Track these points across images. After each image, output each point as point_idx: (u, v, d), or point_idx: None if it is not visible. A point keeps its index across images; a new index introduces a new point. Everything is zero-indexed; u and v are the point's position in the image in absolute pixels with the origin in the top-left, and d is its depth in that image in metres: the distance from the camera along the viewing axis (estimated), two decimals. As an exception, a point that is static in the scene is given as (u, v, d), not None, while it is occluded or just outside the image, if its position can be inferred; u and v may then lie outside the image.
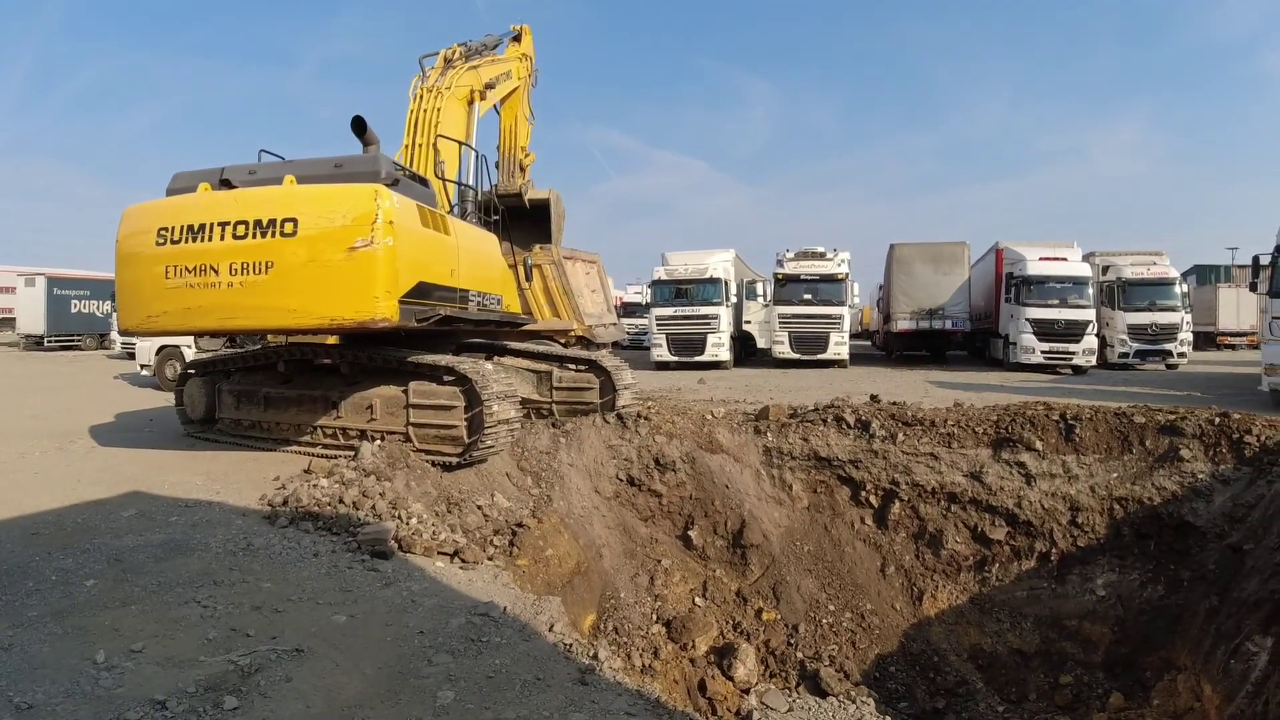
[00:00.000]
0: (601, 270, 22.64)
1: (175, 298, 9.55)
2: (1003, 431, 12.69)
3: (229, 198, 9.67)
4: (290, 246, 9.18)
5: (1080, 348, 25.05)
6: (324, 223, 9.17)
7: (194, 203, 9.78)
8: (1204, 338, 37.54)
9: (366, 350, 11.06)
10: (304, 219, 9.18)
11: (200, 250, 9.42)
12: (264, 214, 9.28)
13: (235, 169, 10.35)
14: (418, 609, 6.09)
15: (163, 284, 9.58)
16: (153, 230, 9.69)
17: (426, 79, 13.50)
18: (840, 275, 28.22)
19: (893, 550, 12.89)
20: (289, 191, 9.57)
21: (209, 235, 9.40)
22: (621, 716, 4.68)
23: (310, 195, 9.45)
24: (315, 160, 10.32)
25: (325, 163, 10.26)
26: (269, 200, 9.44)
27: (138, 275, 9.86)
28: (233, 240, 9.31)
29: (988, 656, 11.78)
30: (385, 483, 9.02)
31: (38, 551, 6.91)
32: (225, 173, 10.19)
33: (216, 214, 9.46)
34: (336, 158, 10.29)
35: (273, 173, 10.07)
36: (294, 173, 9.84)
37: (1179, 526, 11.36)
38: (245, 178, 10.10)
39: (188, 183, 10.24)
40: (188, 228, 9.50)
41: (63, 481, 9.57)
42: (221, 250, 9.34)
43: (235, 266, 9.28)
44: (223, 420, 12.35)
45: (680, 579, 12.51)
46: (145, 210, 10.05)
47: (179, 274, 9.50)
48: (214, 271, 9.35)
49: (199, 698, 4.46)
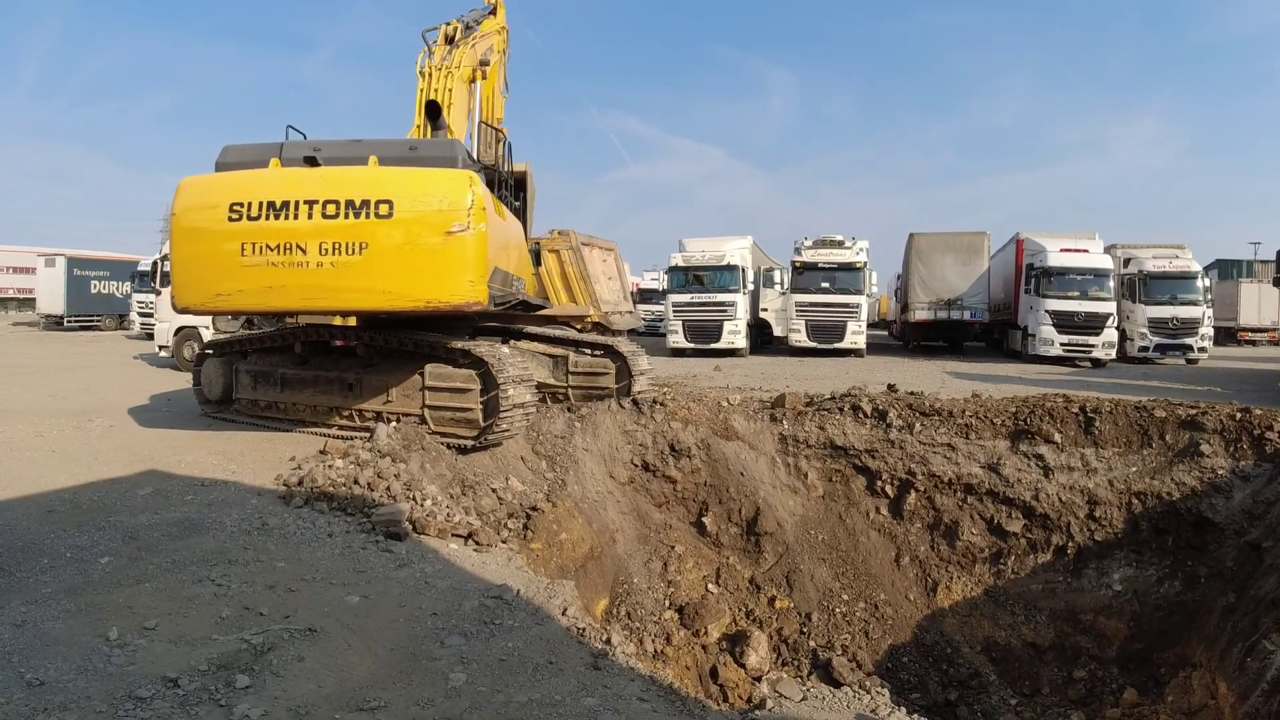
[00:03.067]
0: (619, 257, 22.61)
1: (253, 276, 9.34)
2: (1021, 423, 12.59)
3: (315, 175, 9.56)
4: (385, 228, 9.19)
5: (1100, 340, 24.82)
6: (420, 206, 9.23)
7: (272, 179, 9.62)
8: (1225, 333, 37.19)
9: (383, 332, 11.05)
10: (399, 201, 9.21)
11: (284, 228, 9.24)
12: (357, 194, 9.22)
13: (297, 145, 10.28)
14: (431, 590, 6.08)
15: (237, 261, 9.32)
16: (223, 205, 9.40)
17: (433, 57, 13.35)
18: (858, 264, 28.04)
19: (908, 541, 12.82)
20: (382, 173, 9.55)
21: (294, 213, 9.24)
22: (634, 702, 4.66)
23: (405, 178, 9.47)
24: (389, 141, 10.34)
25: (400, 144, 10.32)
26: (361, 181, 9.40)
27: (202, 251, 9.59)
28: (322, 219, 9.21)
29: (1001, 649, 11.72)
30: (400, 464, 9.02)
31: (53, 529, 6.94)
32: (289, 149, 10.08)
33: (302, 192, 9.31)
34: (410, 140, 10.48)
35: (344, 151, 9.99)
36: (366, 153, 9.83)
37: (1198, 522, 11.25)
38: (305, 155, 10.04)
39: (241, 157, 10.12)
40: (269, 204, 9.29)
41: (79, 460, 9.62)
42: (309, 229, 9.21)
43: (326, 246, 9.19)
44: (240, 401, 12.39)
45: (693, 565, 12.50)
46: (210, 184, 9.82)
47: (258, 251, 9.28)
48: (300, 250, 9.22)
49: (211, 676, 4.47)
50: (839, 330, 27.40)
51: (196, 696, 4.25)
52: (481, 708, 4.38)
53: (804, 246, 28.75)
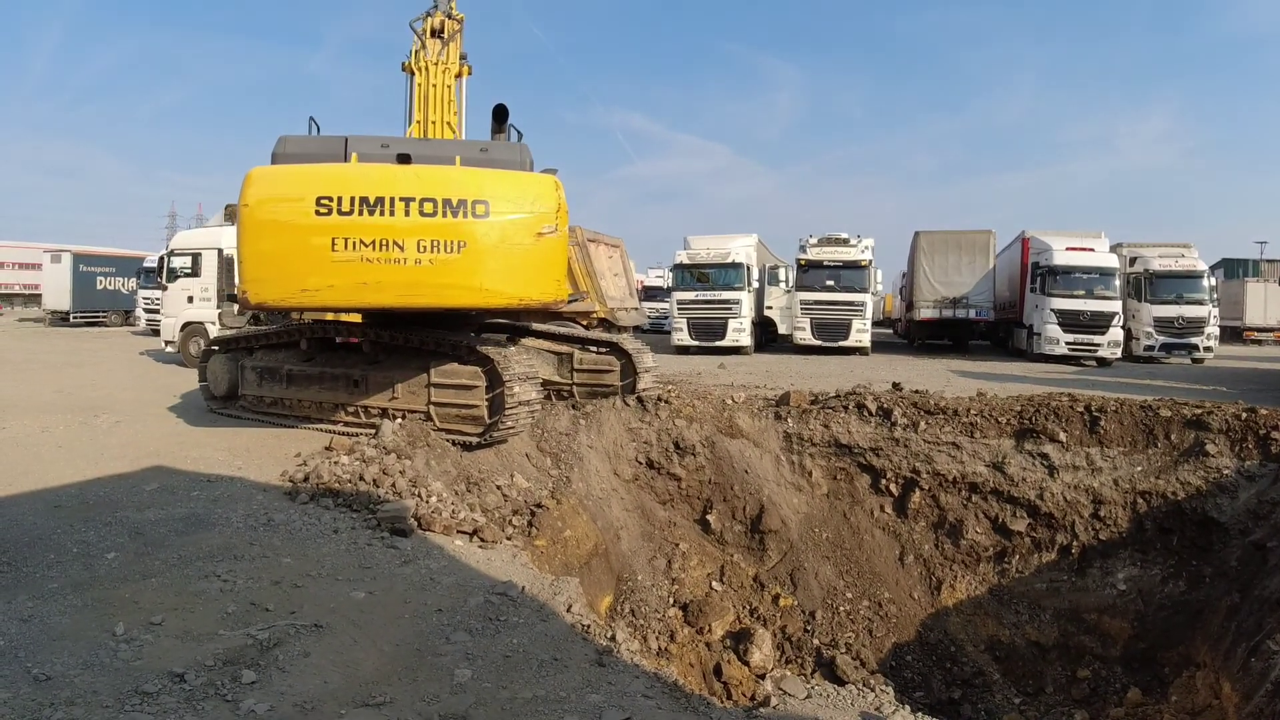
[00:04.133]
0: (624, 254, 22.67)
1: (346, 272, 9.30)
2: (1026, 422, 12.57)
3: (409, 173, 9.68)
4: (483, 228, 9.40)
5: (1105, 340, 24.74)
6: (514, 208, 9.53)
7: (363, 174, 9.67)
8: (1230, 332, 37.00)
9: (389, 329, 11.07)
10: (495, 203, 9.45)
11: (381, 225, 9.26)
12: (453, 194, 9.37)
13: (364, 139, 10.41)
14: (436, 587, 6.10)
15: (326, 256, 9.26)
16: (309, 198, 9.30)
17: (428, 51, 13.28)
18: (864, 262, 27.97)
19: (912, 539, 12.82)
20: (478, 174, 9.78)
21: (389, 210, 9.28)
22: (638, 699, 4.67)
23: (501, 180, 9.79)
24: (463, 142, 10.80)
25: (472, 145, 10.60)
26: (456, 180, 9.58)
27: (285, 245, 9.45)
28: (420, 217, 9.29)
29: (1005, 648, 11.71)
30: (405, 461, 9.04)
31: (59, 524, 6.97)
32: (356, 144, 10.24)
33: (397, 189, 9.36)
34: (482, 142, 10.73)
35: (423, 150, 10.23)
36: (443, 152, 10.15)
37: (1202, 522, 11.23)
38: (378, 151, 10.20)
39: (303, 149, 10.21)
40: (362, 200, 9.27)
41: (86, 455, 9.65)
42: (407, 226, 9.27)
43: (424, 244, 9.28)
44: (245, 397, 12.41)
45: (698, 563, 12.50)
46: (288, 175, 9.75)
47: (352, 247, 9.26)
48: (398, 247, 9.26)
49: (217, 671, 4.48)
50: (844, 328, 27.33)
51: (203, 692, 4.27)
52: (487, 704, 4.40)
53: (809, 244, 28.69)
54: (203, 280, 21.09)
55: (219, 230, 21.63)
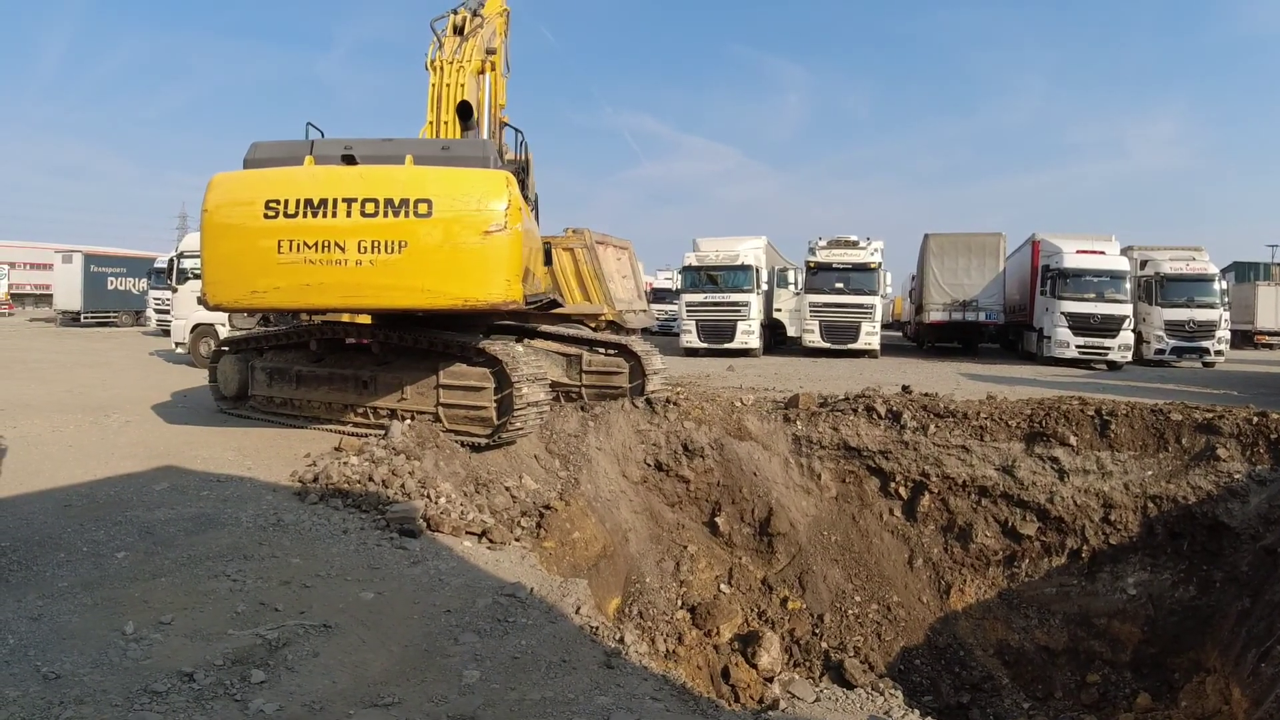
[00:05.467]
0: (633, 256, 22.61)
1: (290, 273, 9.33)
2: (1036, 426, 12.52)
3: (353, 174, 9.61)
4: (425, 227, 9.26)
5: (1116, 343, 24.65)
6: (459, 206, 9.33)
7: (310, 176, 9.65)
8: (1241, 336, 36.83)
9: (398, 330, 11.09)
10: (438, 201, 9.28)
11: (323, 226, 9.25)
12: (395, 193, 9.28)
13: (330, 142, 10.34)
14: (445, 588, 6.10)
15: (273, 259, 9.30)
16: (258, 201, 9.36)
17: (444, 50, 13.21)
18: (873, 264, 27.91)
19: (921, 543, 12.78)
20: (421, 172, 9.63)
21: (332, 211, 9.25)
22: (647, 701, 4.66)
23: (444, 178, 9.57)
24: (422, 140, 10.61)
25: (432, 144, 10.48)
26: (400, 180, 9.46)
27: (237, 248, 9.52)
28: (360, 218, 9.24)
29: (1014, 652, 11.67)
30: (414, 462, 9.05)
31: (70, 523, 6.99)
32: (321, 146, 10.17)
33: (340, 190, 9.33)
34: (442, 140, 10.63)
35: (378, 150, 10.07)
36: (399, 152, 9.92)
37: (1213, 527, 11.18)
38: (337, 153, 10.10)
39: (272, 153, 10.17)
40: (306, 202, 9.28)
41: (96, 455, 9.68)
42: (348, 227, 9.24)
43: (365, 245, 9.23)
44: (255, 397, 12.44)
45: (706, 565, 12.49)
46: (243, 180, 9.80)
47: (296, 249, 9.27)
48: (339, 248, 9.24)
49: (226, 670, 4.49)
50: (853, 331, 27.29)
51: (212, 691, 4.27)
52: (495, 705, 4.39)
53: (818, 246, 28.66)
54: None
55: None
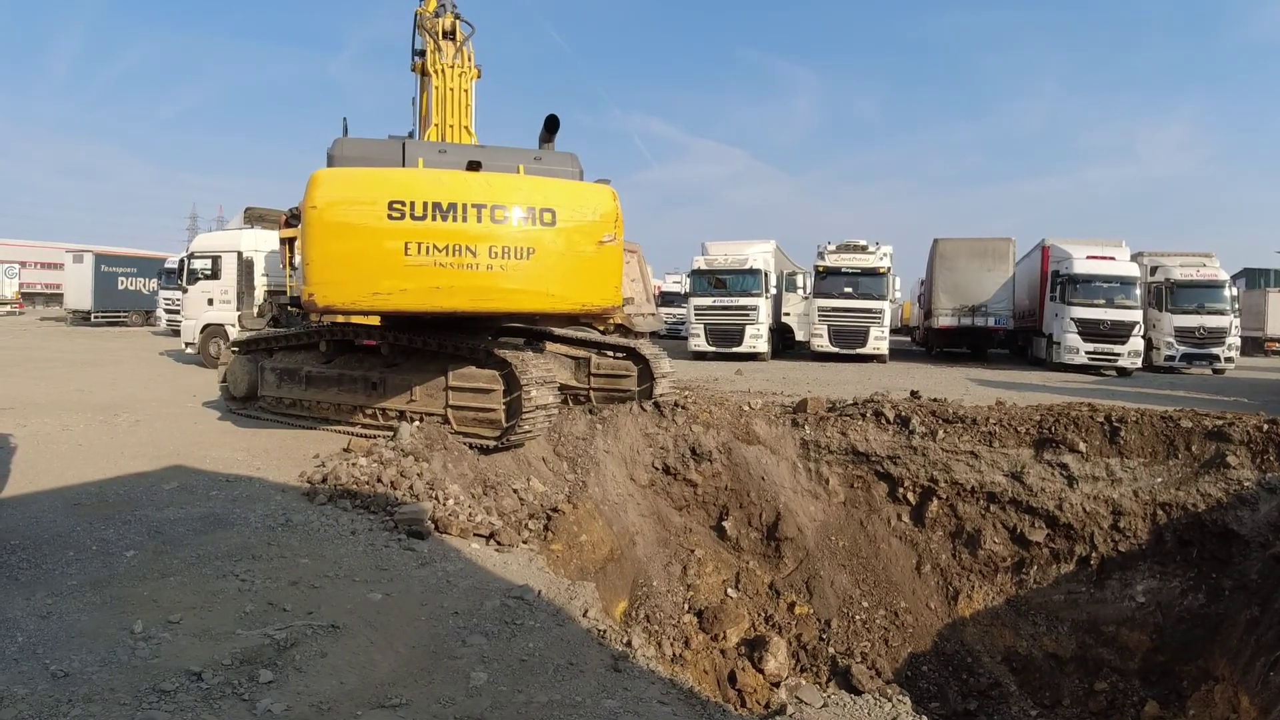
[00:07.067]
0: (641, 259, 22.59)
1: (419, 276, 9.35)
2: (1045, 432, 12.49)
3: (479, 180, 9.76)
4: (550, 235, 9.67)
5: (1126, 349, 24.54)
6: (579, 216, 9.88)
7: (435, 179, 9.71)
8: (1252, 343, 36.62)
9: (408, 332, 11.11)
10: (560, 211, 9.73)
11: (454, 230, 9.35)
12: (523, 201, 9.62)
13: (418, 144, 10.83)
14: (453, 589, 6.10)
15: (400, 260, 9.30)
16: (380, 201, 9.30)
17: (444, 55, 13.19)
18: (882, 269, 27.84)
19: (929, 548, 12.74)
20: (543, 183, 10.07)
21: (463, 215, 9.39)
22: (654, 705, 4.65)
23: (564, 189, 10.13)
24: (516, 150, 11.11)
25: (526, 154, 10.96)
26: (525, 189, 9.83)
27: (357, 248, 9.41)
28: (491, 224, 9.45)
29: (1022, 659, 11.62)
30: (423, 463, 9.06)
31: (79, 522, 7.02)
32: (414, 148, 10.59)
33: (469, 195, 9.45)
34: (534, 150, 11.14)
35: (482, 157, 10.39)
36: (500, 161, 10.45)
37: (1222, 534, 11.12)
38: (436, 156, 10.43)
39: (362, 152, 10.41)
40: (435, 205, 9.35)
41: (106, 454, 9.72)
42: (479, 233, 9.41)
43: (495, 250, 9.44)
44: (265, 398, 12.49)
45: (713, 569, 12.47)
46: (356, 179, 9.72)
47: (425, 251, 9.32)
48: (470, 253, 9.39)
49: (234, 670, 4.50)
50: (862, 336, 27.22)
51: (220, 690, 4.28)
52: (502, 707, 4.39)
53: (827, 251, 28.60)
54: (222, 283, 21.21)
55: (238, 233, 21.75)
